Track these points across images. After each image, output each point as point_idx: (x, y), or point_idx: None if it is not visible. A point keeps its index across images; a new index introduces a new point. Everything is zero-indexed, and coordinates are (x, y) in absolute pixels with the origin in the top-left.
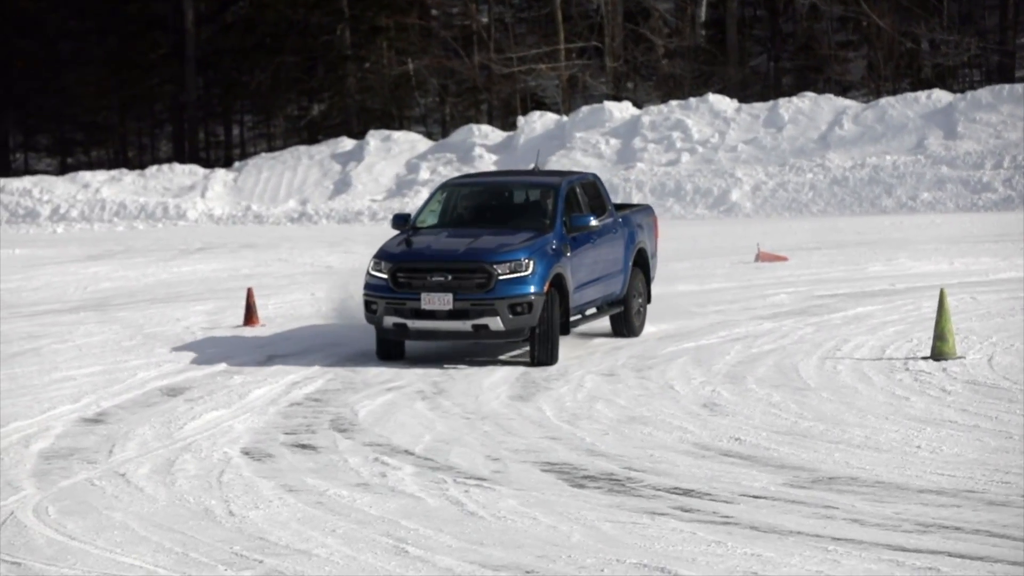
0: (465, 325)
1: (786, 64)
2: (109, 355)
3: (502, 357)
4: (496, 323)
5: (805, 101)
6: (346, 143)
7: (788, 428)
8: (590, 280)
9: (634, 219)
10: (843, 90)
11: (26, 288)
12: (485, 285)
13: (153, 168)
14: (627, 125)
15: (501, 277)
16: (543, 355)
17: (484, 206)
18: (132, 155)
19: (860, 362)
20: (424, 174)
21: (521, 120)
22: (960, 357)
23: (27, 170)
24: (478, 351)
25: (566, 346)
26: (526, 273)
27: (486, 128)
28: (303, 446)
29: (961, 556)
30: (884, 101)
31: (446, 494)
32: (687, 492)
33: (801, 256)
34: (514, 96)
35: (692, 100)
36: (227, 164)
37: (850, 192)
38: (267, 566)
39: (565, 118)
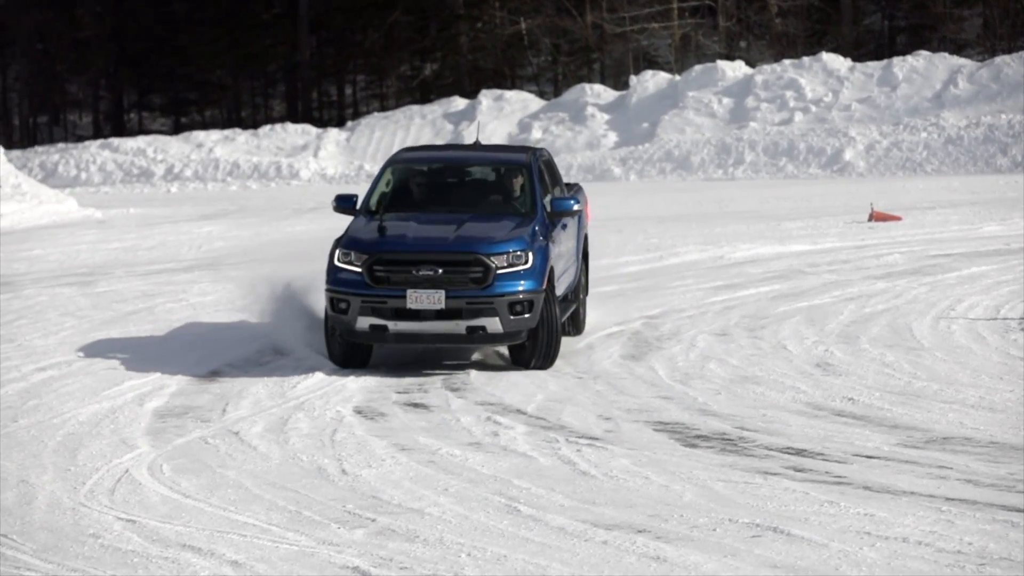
0: (458, 327)
1: (900, 22)
2: (223, 314)
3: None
4: (494, 324)
5: (919, 60)
6: (458, 102)
7: (902, 388)
8: (562, 273)
9: None
10: (958, 48)
11: (141, 247)
12: (482, 280)
13: (266, 128)
14: (740, 84)
15: (500, 271)
16: (540, 363)
17: (444, 186)
18: (245, 115)
19: (974, 322)
20: (536, 133)
21: (633, 79)
22: None
23: (141, 130)
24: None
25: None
26: (525, 266)
27: (598, 87)
28: (415, 405)
29: None
30: (999, 60)
31: (558, 453)
32: (800, 452)
33: (915, 216)
34: (626, 55)
35: (805, 59)
36: (340, 124)
37: (965, 151)
38: (380, 524)
39: (677, 77)
